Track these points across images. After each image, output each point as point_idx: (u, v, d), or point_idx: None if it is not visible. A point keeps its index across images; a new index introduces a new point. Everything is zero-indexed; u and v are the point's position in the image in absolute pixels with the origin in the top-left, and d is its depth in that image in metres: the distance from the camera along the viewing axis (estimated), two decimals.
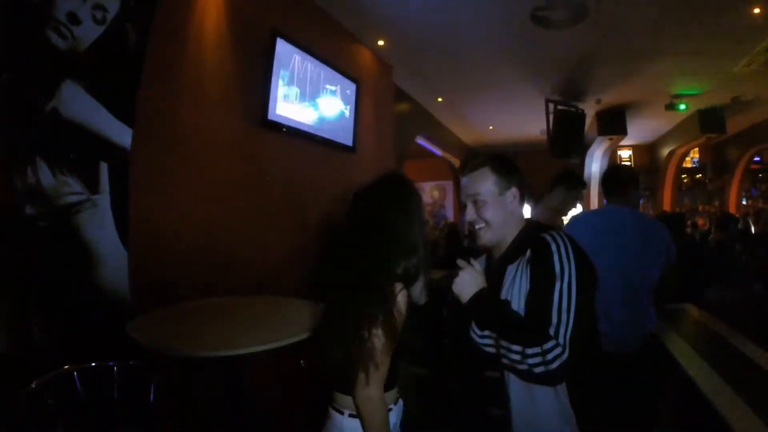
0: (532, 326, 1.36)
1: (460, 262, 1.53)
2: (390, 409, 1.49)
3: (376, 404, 1.38)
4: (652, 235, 2.58)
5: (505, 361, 1.41)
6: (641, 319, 2.51)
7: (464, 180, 1.61)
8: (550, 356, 1.30)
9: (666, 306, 3.00)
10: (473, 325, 1.57)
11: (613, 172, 2.86)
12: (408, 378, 1.86)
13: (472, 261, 1.54)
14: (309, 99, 4.24)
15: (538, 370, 1.32)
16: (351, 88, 4.98)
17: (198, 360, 2.18)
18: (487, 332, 1.52)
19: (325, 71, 4.46)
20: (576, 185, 3.15)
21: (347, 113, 4.93)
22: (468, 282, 1.48)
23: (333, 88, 4.62)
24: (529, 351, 1.32)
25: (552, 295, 1.35)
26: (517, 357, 1.36)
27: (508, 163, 1.60)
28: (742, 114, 8.74)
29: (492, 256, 1.65)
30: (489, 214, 1.53)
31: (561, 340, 1.31)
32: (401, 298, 1.43)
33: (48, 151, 2.26)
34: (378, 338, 1.36)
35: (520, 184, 1.58)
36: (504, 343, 1.40)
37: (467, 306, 1.48)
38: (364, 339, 1.35)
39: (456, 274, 1.51)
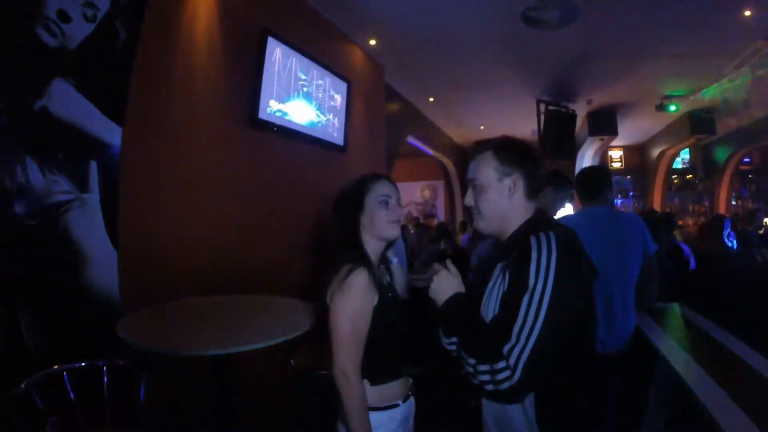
0: (488, 341, 1.26)
1: (435, 266, 1.48)
2: (386, 407, 1.52)
3: (349, 380, 1.42)
4: (628, 230, 2.60)
5: (463, 371, 1.34)
6: (623, 320, 2.53)
7: (471, 164, 1.52)
8: (499, 377, 1.21)
9: (653, 306, 3.02)
10: (441, 330, 1.52)
11: (588, 175, 2.86)
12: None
13: (449, 264, 1.47)
14: (299, 99, 4.23)
15: (489, 387, 1.24)
16: (342, 88, 4.98)
17: (187, 359, 2.18)
18: (454, 338, 1.44)
19: (316, 70, 4.45)
20: (564, 185, 3.16)
21: (338, 113, 4.93)
22: (442, 286, 1.42)
23: (324, 87, 4.62)
24: (481, 367, 1.24)
25: (518, 309, 1.23)
26: (470, 369, 1.28)
27: (515, 149, 1.47)
28: (732, 115, 8.80)
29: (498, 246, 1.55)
30: (483, 201, 1.45)
31: (512, 362, 1.20)
32: (364, 282, 1.48)
33: (37, 150, 2.24)
34: (336, 316, 1.47)
35: (527, 173, 1.44)
36: (462, 353, 1.32)
37: (439, 310, 1.42)
38: (328, 319, 1.49)
39: (432, 279, 1.46)
